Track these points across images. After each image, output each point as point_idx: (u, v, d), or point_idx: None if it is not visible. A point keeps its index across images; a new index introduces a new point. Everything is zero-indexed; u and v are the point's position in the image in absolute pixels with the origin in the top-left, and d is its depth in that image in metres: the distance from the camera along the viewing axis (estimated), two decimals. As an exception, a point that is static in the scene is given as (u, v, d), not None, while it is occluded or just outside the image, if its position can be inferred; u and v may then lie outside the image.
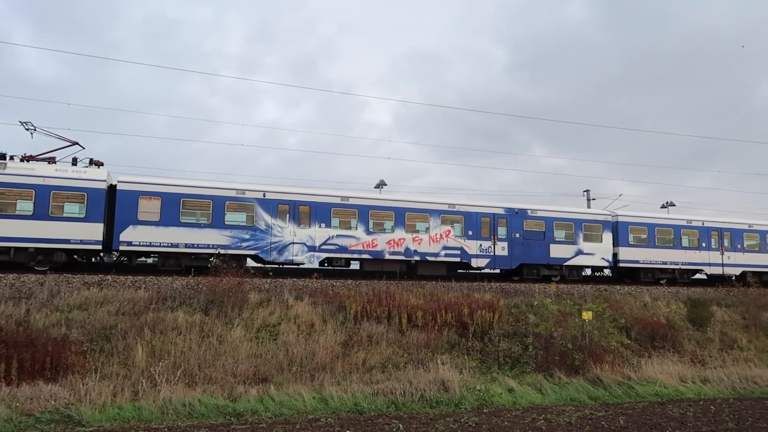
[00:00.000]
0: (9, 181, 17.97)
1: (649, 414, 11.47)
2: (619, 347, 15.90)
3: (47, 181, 18.37)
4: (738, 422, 10.79)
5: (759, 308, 20.82)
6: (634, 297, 20.57)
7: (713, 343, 18.26)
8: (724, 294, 22.20)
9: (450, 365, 13.64)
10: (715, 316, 19.88)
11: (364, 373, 13.19)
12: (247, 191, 21.14)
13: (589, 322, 15.48)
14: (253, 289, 16.75)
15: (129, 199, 19.34)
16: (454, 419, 10.52)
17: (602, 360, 14.66)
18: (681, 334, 18.06)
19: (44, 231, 18.08)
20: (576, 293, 20.30)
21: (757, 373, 15.48)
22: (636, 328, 17.60)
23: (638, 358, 15.99)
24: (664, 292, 21.98)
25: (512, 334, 16.25)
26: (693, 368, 15.63)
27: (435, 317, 16.01)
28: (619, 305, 18.93)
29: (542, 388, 13.17)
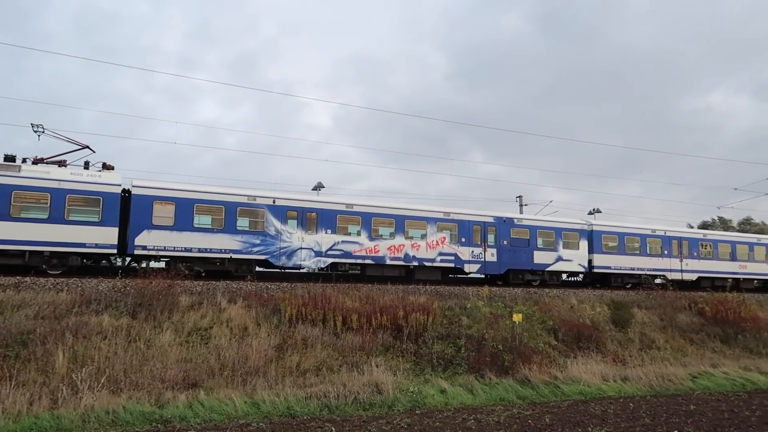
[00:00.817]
0: (24, 184, 17.95)
1: (573, 412, 11.93)
2: (546, 348, 16.48)
3: (63, 184, 18.40)
4: (654, 418, 11.40)
5: (675, 310, 22.09)
6: (561, 300, 21.35)
7: (634, 344, 19.20)
8: (644, 297, 23.40)
9: (384, 367, 13.73)
10: (636, 317, 20.90)
11: (298, 376, 13.10)
12: (258, 197, 21.73)
13: (519, 324, 15.96)
14: (185, 291, 16.30)
15: (144, 203, 19.56)
16: (386, 421, 10.60)
17: (531, 360, 15.15)
18: (604, 335, 18.89)
19: (59, 235, 18.10)
20: (507, 296, 20.89)
21: (672, 371, 16.38)
22: (563, 329, 18.27)
23: (565, 358, 16.61)
24: (589, 295, 22.94)
25: (446, 336, 16.53)
26: (615, 367, 16.38)
27: (370, 320, 16.09)
28: (547, 307, 19.60)
29: (473, 388, 13.47)
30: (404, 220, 24.10)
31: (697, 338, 20.76)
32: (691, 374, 16.51)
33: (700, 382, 16.01)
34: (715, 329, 21.35)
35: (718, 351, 20.06)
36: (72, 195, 18.49)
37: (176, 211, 20.06)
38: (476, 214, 26.35)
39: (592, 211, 36.19)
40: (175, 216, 20.01)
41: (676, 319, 21.54)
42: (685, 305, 22.90)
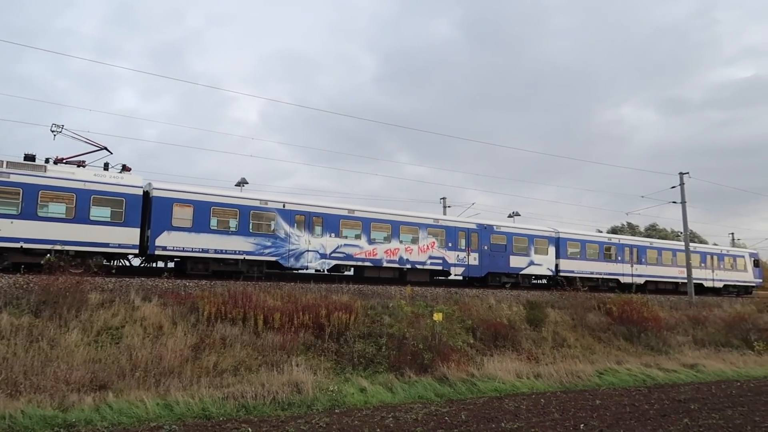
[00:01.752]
0: (50, 184, 18.29)
1: (488, 408, 12.30)
2: (465, 346, 16.91)
3: (87, 185, 18.89)
4: (562, 412, 11.94)
5: (585, 310, 23.24)
6: (481, 300, 21.95)
7: (547, 342, 20.02)
8: (557, 297, 24.47)
9: (305, 367, 13.62)
10: (550, 317, 21.80)
11: (215, 376, 12.75)
12: (269, 202, 22.82)
13: (440, 323, 16.26)
14: (95, 288, 15.49)
15: (164, 205, 20.24)
16: (305, 420, 10.51)
17: (449, 359, 15.48)
18: (520, 334, 19.60)
19: (84, 234, 18.59)
20: (429, 295, 21.22)
21: (581, 368, 17.21)
22: (481, 328, 18.79)
23: (482, 356, 17.09)
24: (507, 295, 23.72)
25: (368, 335, 16.61)
26: (528, 365, 17.01)
27: (292, 319, 15.91)
28: (467, 307, 20.10)
29: (393, 387, 13.60)
30: (399, 226, 25.83)
31: (604, 337, 21.92)
32: (598, 371, 17.40)
33: (606, 378, 16.92)
34: (620, 328, 22.62)
35: (623, 349, 21.26)
36: (96, 196, 19.03)
37: (194, 213, 20.87)
38: (461, 221, 28.95)
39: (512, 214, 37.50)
40: (194, 218, 20.82)
41: (586, 318, 22.65)
42: (594, 306, 24.12)
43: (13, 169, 17.94)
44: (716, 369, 19.26)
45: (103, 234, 19.02)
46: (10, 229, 17.58)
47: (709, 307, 28.96)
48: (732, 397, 14.43)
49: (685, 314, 26.68)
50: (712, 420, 11.37)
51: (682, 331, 24.33)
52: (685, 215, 34.24)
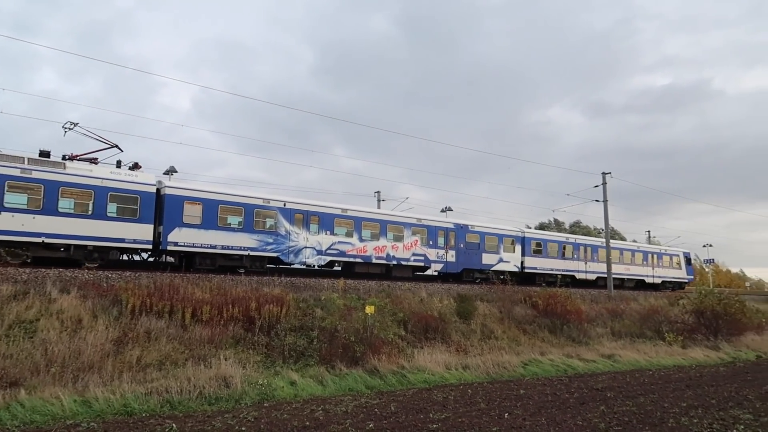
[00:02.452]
0: (70, 181, 18.73)
1: (417, 399, 12.49)
2: (396, 339, 17.09)
3: (105, 183, 19.42)
4: (488, 402, 12.29)
5: (512, 303, 23.99)
6: (413, 293, 22.21)
7: (475, 334, 20.53)
8: (486, 291, 25.12)
9: (233, 360, 13.37)
10: (479, 310, 22.36)
11: (138, 371, 12.28)
12: (272, 201, 23.97)
13: (372, 316, 16.35)
14: (7, 279, 14.55)
15: (176, 203, 21.01)
16: (233, 415, 10.31)
17: (380, 351, 15.60)
18: (450, 327, 19.99)
19: (102, 230, 19.16)
20: (362, 288, 21.28)
21: (507, 359, 17.78)
22: (413, 321, 19.04)
23: (412, 348, 17.33)
24: (438, 288, 24.12)
25: (299, 328, 16.49)
26: (457, 357, 17.40)
27: (222, 312, 15.55)
28: (399, 300, 20.30)
29: (324, 380, 13.57)
30: (386, 225, 27.47)
31: (529, 329, 22.72)
32: (523, 362, 18.04)
33: (530, 368, 17.55)
34: (545, 321, 23.52)
35: (547, 340, 22.11)
36: (113, 193, 19.60)
37: (203, 211, 21.68)
38: (441, 221, 30.86)
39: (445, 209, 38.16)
40: (203, 215, 21.64)
41: (513, 311, 23.39)
42: (521, 299, 24.94)
43: (34, 166, 18.25)
44: (631, 359, 20.36)
45: (120, 230, 19.69)
46: (32, 224, 17.97)
47: (626, 300, 30.56)
48: (644, 385, 15.30)
49: (604, 307, 28.04)
50: (626, 407, 12.01)
51: (601, 324, 25.55)
52: (606, 213, 35.95)
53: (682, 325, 26.31)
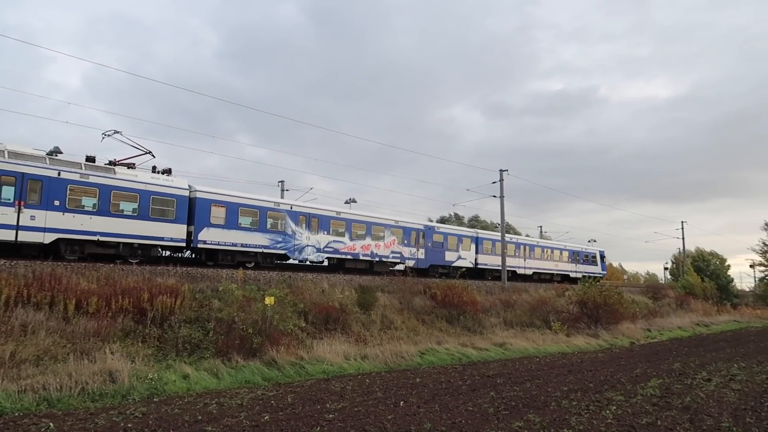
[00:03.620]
0: (120, 185, 20.79)
1: (315, 390, 12.47)
2: (296, 330, 16.93)
3: (148, 187, 21.58)
4: (385, 391, 12.50)
5: (412, 294, 24.56)
6: (314, 284, 22.15)
7: (375, 325, 20.81)
8: (387, 282, 25.52)
9: (121, 354, 12.66)
10: (379, 301, 22.69)
11: (11, 368, 11.30)
12: (281, 204, 27.38)
13: (271, 307, 16.12)
14: None
15: (205, 206, 23.52)
16: (119, 411, 9.78)
17: (279, 343, 15.41)
18: (350, 317, 20.12)
19: (146, 229, 21.28)
20: (262, 279, 20.92)
21: (405, 349, 18.16)
22: (313, 312, 18.98)
23: (312, 339, 17.26)
24: (340, 279, 24.20)
25: (194, 320, 15.94)
26: (357, 347, 17.55)
27: (110, 303, 14.70)
28: (300, 291, 20.16)
29: (219, 372, 13.21)
30: (371, 226, 31.01)
31: (428, 319, 23.37)
32: (420, 351, 18.51)
33: (427, 357, 18.06)
34: (443, 311, 24.28)
35: (444, 330, 22.84)
36: (154, 196, 21.74)
37: (226, 213, 24.26)
38: (413, 222, 34.69)
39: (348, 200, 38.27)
40: (226, 217, 24.19)
41: (412, 302, 23.95)
42: (420, 290, 25.59)
43: (92, 171, 20.25)
44: (521, 347, 21.50)
45: (160, 229, 21.83)
46: (89, 224, 19.91)
47: (518, 292, 32.23)
48: (531, 371, 16.21)
49: (498, 298, 29.41)
50: (514, 392, 12.68)
51: (495, 314, 26.77)
52: (502, 208, 37.59)
53: (567, 314, 28.16)
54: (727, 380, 14.69)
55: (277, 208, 26.68)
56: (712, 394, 12.71)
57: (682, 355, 20.61)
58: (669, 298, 45.89)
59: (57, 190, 19.24)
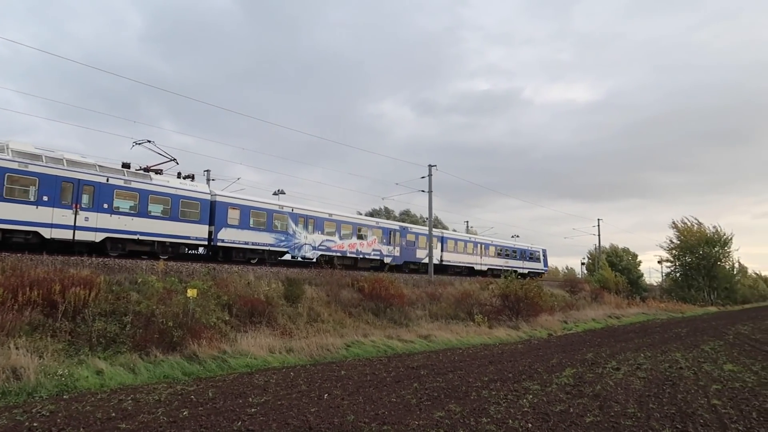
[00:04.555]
0: (155, 190, 23.60)
1: (237, 384, 12.23)
2: (219, 323, 16.55)
3: (177, 191, 24.41)
4: (309, 384, 12.44)
5: (340, 287, 24.54)
6: (239, 276, 21.69)
7: (302, 317, 20.63)
8: (315, 274, 25.37)
9: (27, 350, 11.91)
10: (307, 293, 22.51)
11: None
12: (284, 206, 30.63)
13: (194, 300, 15.66)
14: None
15: (224, 208, 26.58)
16: (23, 410, 9.20)
17: (201, 336, 15.00)
18: (276, 310, 19.85)
19: (176, 229, 24.14)
20: (185, 271, 20.28)
21: (331, 341, 18.14)
22: (238, 304, 18.57)
23: (236, 333, 16.90)
24: (266, 271, 23.83)
25: (111, 313, 15.23)
26: (282, 340, 17.35)
27: (16, 295, 13.77)
28: (225, 283, 19.69)
29: (136, 367, 12.71)
30: (357, 226, 35.35)
31: (355, 312, 23.42)
32: (347, 344, 18.55)
33: (353, 350, 18.12)
34: (370, 304, 24.40)
35: (371, 323, 22.97)
36: (183, 199, 24.63)
37: (240, 215, 27.54)
38: (391, 223, 40.35)
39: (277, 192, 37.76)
40: (240, 218, 27.48)
41: (340, 294, 23.92)
42: (348, 283, 25.61)
43: (133, 178, 23.10)
44: (445, 339, 21.96)
45: (187, 229, 24.79)
46: (131, 224, 22.71)
47: (444, 285, 32.87)
48: (454, 363, 16.60)
49: (424, 291, 29.88)
50: (437, 383, 12.94)
51: (420, 306, 27.17)
52: (430, 203, 38.21)
53: (490, 307, 29.02)
54: (634, 369, 15.61)
55: (281, 210, 30.20)
56: (621, 382, 13.47)
57: (594, 346, 21.70)
58: (585, 291, 48.20)
59: (106, 194, 22.04)
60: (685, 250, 67.74)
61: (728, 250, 68.36)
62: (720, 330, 29.59)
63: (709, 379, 13.97)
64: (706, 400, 11.29)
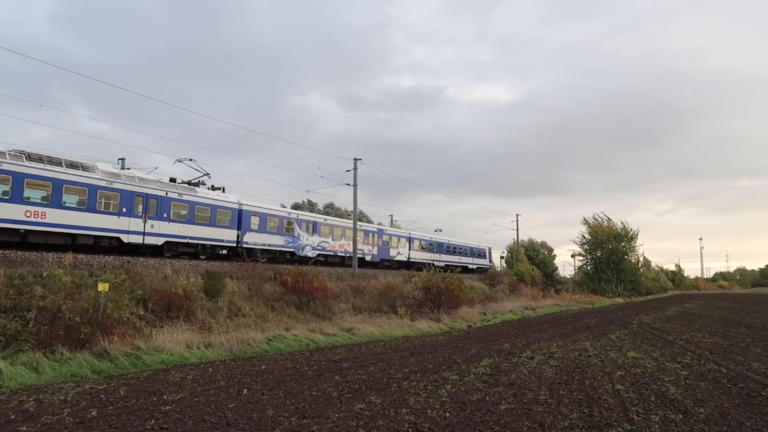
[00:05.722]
0: (199, 201, 28.71)
1: (152, 381, 11.77)
2: (133, 319, 15.86)
3: (215, 202, 29.81)
4: (228, 380, 12.15)
5: (262, 281, 24.13)
6: (156, 269, 20.86)
7: (222, 312, 20.14)
8: (236, 267, 24.81)
9: None
10: (227, 287, 21.99)
11: None
12: (291, 213, 37.64)
13: (105, 294, 14.91)
14: None
15: (248, 216, 31.89)
16: None
17: (113, 332, 14.32)
18: (195, 305, 19.28)
19: (214, 234, 29.45)
20: (96, 264, 19.28)
21: (252, 336, 17.80)
22: (154, 299, 17.89)
23: (152, 328, 16.28)
24: (185, 265, 23.07)
25: (11, 309, 14.28)
26: (201, 335, 16.85)
27: None
28: (139, 277, 18.89)
29: (40, 366, 11.96)
30: (345, 229, 41.09)
31: (278, 305, 23.12)
32: (268, 338, 18.27)
33: (275, 344, 17.87)
34: (293, 297, 24.17)
35: (294, 317, 22.76)
36: (219, 209, 29.63)
37: (260, 220, 32.62)
38: (372, 226, 47.67)
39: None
40: (260, 224, 32.56)
41: (262, 288, 23.53)
42: (271, 276, 25.23)
43: (184, 191, 27.87)
44: (368, 332, 22.10)
45: (221, 234, 29.62)
46: (182, 230, 27.12)
47: (368, 278, 33.07)
48: (376, 355, 16.74)
49: (348, 284, 29.93)
50: (358, 375, 13.00)
51: (344, 300, 27.22)
52: (355, 197, 38.28)
53: (412, 300, 29.48)
54: (547, 358, 16.34)
55: (289, 216, 35.92)
56: (534, 370, 14.06)
57: (511, 336, 22.53)
58: (503, 284, 49.94)
59: (165, 205, 26.53)
60: (595, 245, 71.48)
61: (634, 245, 72.95)
62: (625, 320, 31.47)
63: (614, 365, 14.83)
64: (611, 386, 11.98)
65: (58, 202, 21.76)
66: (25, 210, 20.51)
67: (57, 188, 21.75)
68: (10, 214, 20.04)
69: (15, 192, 20.28)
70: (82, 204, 22.69)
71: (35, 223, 20.87)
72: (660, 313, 37.87)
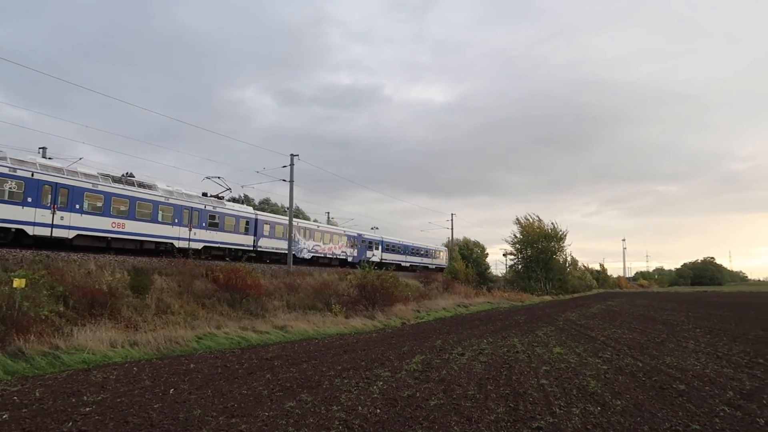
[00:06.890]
0: (227, 212, 34.89)
1: (71, 382, 11.23)
2: (52, 316, 15.12)
3: (239, 213, 36.26)
4: (154, 379, 11.75)
5: (193, 277, 23.50)
6: (79, 265, 19.93)
7: (150, 309, 19.48)
8: (166, 264, 24.04)
9: None
10: (156, 284, 21.27)
11: None
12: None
13: (21, 291, 14.10)
14: None
15: (261, 224, 38.45)
16: None
17: (29, 331, 13.56)
18: (121, 302, 18.55)
19: (237, 239, 35.54)
20: (11, 258, 18.21)
21: (181, 334, 17.29)
22: (76, 296, 17.09)
23: (73, 326, 15.54)
24: (110, 260, 22.18)
25: None
26: (126, 333, 16.23)
27: None
28: (60, 273, 18.00)
29: (-55, 368, 11.17)
30: (333, 234, 48.55)
31: (209, 303, 22.58)
32: (198, 336, 17.79)
33: (204, 342, 17.43)
34: (225, 295, 23.66)
35: (225, 314, 22.27)
36: (241, 219, 36.38)
37: (270, 228, 39.33)
38: (353, 231, 53.15)
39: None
40: (269, 230, 39.21)
41: (192, 285, 22.91)
42: (202, 272, 24.60)
43: (216, 204, 34.16)
44: (301, 329, 21.91)
45: (243, 239, 36.13)
46: (215, 236, 33.52)
47: (303, 275, 32.85)
48: (309, 353, 16.63)
49: (283, 282, 29.61)
50: (290, 373, 12.88)
51: (278, 297, 26.90)
52: (291, 193, 37.99)
53: (347, 297, 29.50)
54: (477, 354, 16.74)
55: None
56: (464, 366, 14.37)
57: (443, 333, 22.93)
58: (437, 282, 50.78)
59: (204, 217, 32.47)
60: (526, 244, 73.90)
61: (563, 245, 75.95)
62: (553, 317, 32.67)
63: (540, 361, 15.37)
64: (536, 380, 12.42)
65: (133, 215, 27.65)
66: (111, 221, 26.42)
67: (132, 204, 27.70)
68: (101, 225, 25.85)
69: (105, 208, 26.13)
70: (148, 216, 28.54)
71: (118, 232, 26.80)
72: (585, 310, 39.54)
